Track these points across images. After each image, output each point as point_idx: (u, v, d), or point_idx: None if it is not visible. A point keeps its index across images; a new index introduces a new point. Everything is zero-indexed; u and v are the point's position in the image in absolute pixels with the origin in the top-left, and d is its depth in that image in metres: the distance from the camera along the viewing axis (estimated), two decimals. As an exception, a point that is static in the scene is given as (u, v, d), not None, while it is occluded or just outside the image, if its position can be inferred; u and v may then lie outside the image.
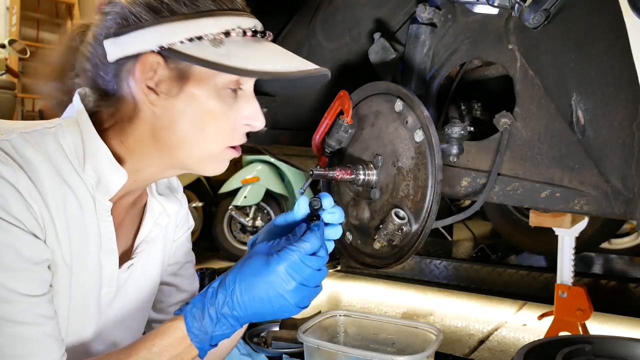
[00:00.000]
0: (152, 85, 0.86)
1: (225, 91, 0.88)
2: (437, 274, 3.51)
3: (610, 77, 1.12)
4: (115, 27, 0.85)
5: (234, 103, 0.90)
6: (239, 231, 4.29)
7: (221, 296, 0.84)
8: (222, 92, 0.88)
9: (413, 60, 1.36)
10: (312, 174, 1.21)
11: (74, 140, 0.87)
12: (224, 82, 0.87)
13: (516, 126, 1.25)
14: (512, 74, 1.26)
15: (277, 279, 0.82)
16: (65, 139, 0.87)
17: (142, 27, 0.84)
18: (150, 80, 0.85)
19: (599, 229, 3.32)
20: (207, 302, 0.84)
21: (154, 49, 0.84)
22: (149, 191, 1.03)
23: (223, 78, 0.87)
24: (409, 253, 1.17)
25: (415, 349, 1.36)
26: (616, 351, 1.34)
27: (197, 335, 0.84)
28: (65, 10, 6.30)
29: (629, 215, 1.14)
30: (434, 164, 1.13)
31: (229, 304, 0.83)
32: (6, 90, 4.50)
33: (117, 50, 0.85)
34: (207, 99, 0.87)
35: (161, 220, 1.04)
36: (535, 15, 1.07)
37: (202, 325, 0.84)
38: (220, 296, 0.84)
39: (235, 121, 0.91)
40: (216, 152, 0.91)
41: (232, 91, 0.89)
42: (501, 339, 2.58)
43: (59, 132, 0.87)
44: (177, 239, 1.14)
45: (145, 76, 0.85)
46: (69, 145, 0.86)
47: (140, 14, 0.84)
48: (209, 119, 0.88)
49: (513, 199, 1.29)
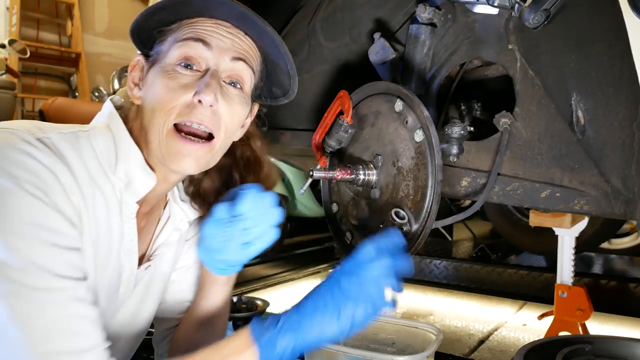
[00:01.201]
0: (136, 80, 0.98)
1: (177, 67, 0.92)
2: (437, 274, 3.51)
3: (610, 77, 1.12)
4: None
5: (181, 78, 0.92)
6: (239, 231, 4.29)
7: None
8: (170, 68, 0.92)
9: (413, 60, 1.36)
10: (312, 174, 1.21)
11: (106, 144, 0.91)
12: (171, 59, 0.93)
13: (516, 126, 1.25)
14: (512, 74, 1.26)
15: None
16: (97, 142, 0.91)
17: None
18: (135, 79, 0.99)
19: (599, 229, 3.32)
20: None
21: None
22: (172, 197, 1.07)
23: (171, 55, 0.93)
24: (409, 253, 1.17)
25: (415, 349, 1.37)
26: (616, 351, 1.34)
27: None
28: (65, 10, 6.30)
29: (629, 215, 1.14)
30: (434, 164, 1.13)
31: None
32: (6, 90, 4.51)
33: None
34: (155, 78, 0.94)
35: (182, 225, 1.09)
36: (535, 15, 1.07)
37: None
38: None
39: (176, 90, 0.92)
40: (163, 131, 0.91)
41: (184, 67, 0.92)
42: (501, 339, 2.57)
43: (91, 136, 0.91)
44: (190, 239, 1.17)
45: (132, 76, 0.99)
46: (100, 148, 0.91)
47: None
48: (155, 96, 0.93)
49: (513, 199, 1.29)
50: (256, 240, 0.96)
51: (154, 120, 0.91)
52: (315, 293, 0.87)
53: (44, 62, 6.06)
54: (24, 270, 0.73)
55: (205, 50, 0.92)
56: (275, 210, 0.96)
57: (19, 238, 0.74)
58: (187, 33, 0.93)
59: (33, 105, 5.79)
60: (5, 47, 4.57)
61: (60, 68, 6.25)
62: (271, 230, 0.97)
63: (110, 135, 0.93)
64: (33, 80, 5.99)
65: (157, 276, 1.08)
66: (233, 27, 0.95)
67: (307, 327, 0.83)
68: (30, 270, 0.73)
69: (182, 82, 0.91)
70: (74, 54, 6.22)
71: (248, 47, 0.98)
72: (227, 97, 0.94)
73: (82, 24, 6.31)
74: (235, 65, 0.95)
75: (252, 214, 0.94)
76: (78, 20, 6.24)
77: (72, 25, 6.25)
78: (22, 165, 0.76)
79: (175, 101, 0.90)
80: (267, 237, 0.97)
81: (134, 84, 0.98)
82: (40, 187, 0.77)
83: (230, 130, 0.97)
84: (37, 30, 6.09)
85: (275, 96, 1.10)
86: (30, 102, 5.82)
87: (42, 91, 6.02)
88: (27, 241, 0.74)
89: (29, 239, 0.74)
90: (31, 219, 0.75)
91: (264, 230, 0.96)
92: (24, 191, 0.75)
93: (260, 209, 0.94)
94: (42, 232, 0.76)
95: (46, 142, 0.81)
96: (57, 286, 0.76)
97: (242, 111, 0.98)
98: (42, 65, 6.05)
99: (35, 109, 5.60)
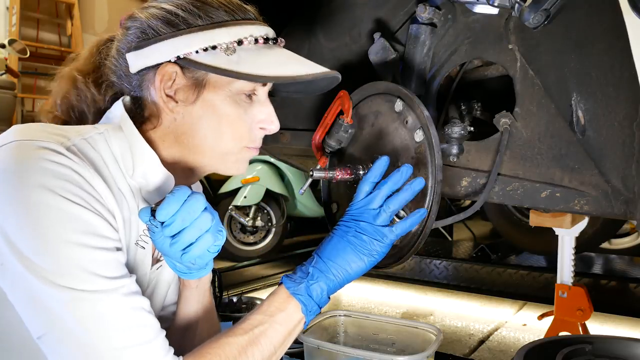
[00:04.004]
0: (171, 93, 0.92)
1: (240, 96, 0.94)
2: (437, 274, 3.51)
3: (610, 77, 1.12)
4: (136, 41, 0.92)
5: (249, 107, 0.96)
6: (239, 231, 4.29)
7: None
8: (237, 98, 0.94)
9: (413, 60, 1.36)
10: (312, 174, 1.21)
11: (121, 146, 0.92)
12: (238, 88, 0.93)
13: (516, 126, 1.25)
14: (512, 74, 1.26)
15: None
16: (113, 144, 0.92)
17: (161, 40, 0.90)
18: (169, 89, 0.92)
19: (599, 229, 3.32)
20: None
21: (172, 59, 0.90)
22: None
23: (237, 84, 0.93)
24: (409, 253, 1.17)
25: (415, 349, 1.36)
26: (616, 351, 1.34)
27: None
28: (65, 10, 6.30)
29: (629, 215, 1.14)
30: (434, 164, 1.13)
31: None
32: (6, 90, 4.50)
33: (139, 62, 0.92)
34: (223, 104, 0.93)
35: None
36: (535, 15, 1.07)
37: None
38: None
39: (251, 124, 0.96)
40: (234, 152, 0.97)
41: (246, 96, 0.95)
42: (501, 339, 2.58)
43: (107, 138, 0.92)
44: None
45: (164, 85, 0.92)
46: (116, 150, 0.91)
47: (159, 27, 0.91)
48: (225, 123, 0.94)
49: (513, 199, 1.29)
50: (191, 248, 0.85)
51: (222, 145, 0.95)
52: (333, 237, 0.98)
53: (44, 62, 6.05)
54: (79, 278, 0.76)
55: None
56: (204, 214, 0.85)
57: (69, 247, 0.76)
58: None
59: (33, 105, 5.78)
60: (5, 47, 4.56)
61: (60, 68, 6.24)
62: (206, 236, 0.86)
63: (123, 136, 0.93)
64: (33, 80, 5.99)
65: (164, 275, 1.07)
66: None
67: (335, 269, 0.95)
68: (84, 277, 0.77)
69: (252, 113, 0.96)
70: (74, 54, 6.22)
71: None
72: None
73: (82, 24, 6.31)
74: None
75: (177, 219, 0.83)
76: (78, 20, 6.23)
77: (72, 25, 6.25)
78: (59, 176, 0.78)
79: (249, 133, 0.97)
80: (202, 244, 0.86)
81: (168, 95, 0.92)
82: (79, 195, 0.79)
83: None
84: (37, 30, 6.08)
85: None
86: (30, 102, 5.82)
87: (42, 91, 6.01)
88: (77, 249, 0.77)
89: (79, 247, 0.77)
90: (78, 227, 0.78)
91: (194, 235, 0.85)
92: (66, 200, 0.77)
93: (184, 214, 0.83)
94: (89, 239, 0.78)
95: (74, 151, 0.83)
96: (112, 287, 0.79)
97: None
98: (42, 65, 6.04)
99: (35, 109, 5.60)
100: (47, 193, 0.77)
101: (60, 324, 0.76)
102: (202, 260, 0.89)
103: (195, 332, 1.06)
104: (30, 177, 0.77)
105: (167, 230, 0.83)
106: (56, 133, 0.85)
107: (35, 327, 0.78)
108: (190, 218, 0.83)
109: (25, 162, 0.78)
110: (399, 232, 0.99)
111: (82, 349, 0.76)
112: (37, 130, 0.84)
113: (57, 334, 0.76)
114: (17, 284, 0.77)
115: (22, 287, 0.77)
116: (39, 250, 0.76)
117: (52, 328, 0.76)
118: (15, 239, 0.76)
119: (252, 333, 0.90)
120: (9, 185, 0.77)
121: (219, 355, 0.86)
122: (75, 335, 0.76)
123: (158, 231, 0.83)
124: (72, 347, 0.76)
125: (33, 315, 0.77)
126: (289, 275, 0.97)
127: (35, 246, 0.76)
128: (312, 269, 0.96)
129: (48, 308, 0.76)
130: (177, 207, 0.82)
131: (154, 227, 0.84)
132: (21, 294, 0.77)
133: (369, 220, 0.98)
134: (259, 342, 0.90)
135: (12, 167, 0.78)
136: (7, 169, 0.78)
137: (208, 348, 0.87)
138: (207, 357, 0.85)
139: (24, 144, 0.80)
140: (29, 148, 0.80)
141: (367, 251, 0.97)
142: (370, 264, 0.98)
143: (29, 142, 0.80)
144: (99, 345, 0.77)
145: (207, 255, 0.87)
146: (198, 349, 0.87)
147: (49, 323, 0.76)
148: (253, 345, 0.89)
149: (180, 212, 0.83)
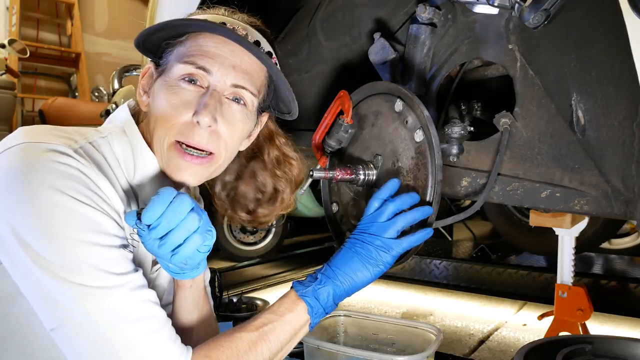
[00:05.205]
0: (146, 88, 1.00)
1: (180, 82, 0.94)
2: (437, 274, 3.51)
3: (610, 77, 1.12)
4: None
5: (184, 94, 0.94)
6: (239, 231, 4.29)
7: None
8: (174, 83, 0.94)
9: (413, 60, 1.36)
10: (312, 174, 1.21)
11: (123, 149, 0.95)
12: (175, 74, 0.95)
13: (516, 126, 1.25)
14: (512, 74, 1.26)
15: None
16: (116, 147, 0.95)
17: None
18: (145, 86, 1.01)
19: (599, 229, 3.32)
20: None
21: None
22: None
23: (175, 70, 0.94)
24: (409, 253, 1.17)
25: (415, 349, 1.37)
26: (616, 351, 1.34)
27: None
28: (65, 10, 6.30)
29: (629, 215, 1.14)
30: (434, 164, 1.13)
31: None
32: (6, 90, 4.51)
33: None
34: (159, 90, 0.96)
35: None
36: (535, 15, 1.07)
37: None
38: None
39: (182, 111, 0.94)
40: (164, 144, 0.95)
41: (187, 82, 0.94)
42: (501, 339, 2.57)
43: (110, 141, 0.95)
44: None
45: (142, 82, 1.01)
46: (119, 153, 0.94)
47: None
48: (158, 109, 0.95)
49: (513, 199, 1.29)
50: (180, 249, 0.85)
51: (157, 133, 0.95)
52: (342, 249, 1.04)
53: (44, 62, 6.06)
54: (88, 274, 0.80)
55: (209, 66, 0.94)
56: (190, 215, 0.84)
57: (78, 245, 0.79)
58: (192, 49, 0.95)
59: (33, 105, 5.78)
60: (5, 47, 4.56)
61: (60, 68, 6.24)
62: (194, 237, 0.85)
63: (126, 140, 0.96)
64: (33, 80, 5.99)
65: (162, 276, 1.08)
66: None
67: (341, 277, 1.01)
68: (94, 273, 0.80)
69: (184, 99, 0.93)
70: (73, 54, 6.22)
71: (253, 62, 0.99)
72: (227, 115, 0.96)
73: (82, 24, 6.31)
74: (239, 82, 0.97)
75: (162, 222, 0.83)
76: (78, 20, 6.23)
77: (72, 25, 6.25)
78: (67, 177, 0.81)
79: (176, 118, 0.93)
80: (191, 244, 0.85)
81: (143, 91, 1.00)
82: (87, 195, 0.82)
83: (232, 146, 1.00)
84: (37, 30, 6.08)
85: (282, 111, 1.14)
86: (30, 102, 5.82)
87: (42, 91, 6.02)
88: (86, 247, 0.80)
89: (88, 245, 0.80)
90: (86, 225, 0.81)
91: (182, 236, 0.84)
92: (74, 200, 0.80)
93: (170, 216, 0.83)
94: (97, 237, 0.81)
95: (81, 153, 0.86)
96: (120, 282, 0.82)
97: (244, 127, 1.01)
98: (42, 65, 6.04)
99: (35, 109, 5.60)
100: (56, 193, 0.79)
101: (72, 318, 0.79)
102: (193, 260, 0.89)
103: (192, 331, 1.06)
104: (39, 178, 0.79)
105: (154, 233, 0.83)
106: (63, 136, 0.87)
107: (48, 320, 0.81)
108: (176, 219, 0.83)
109: (35, 163, 0.81)
110: (406, 245, 1.04)
111: (93, 342, 0.80)
112: (45, 132, 0.87)
113: (69, 327, 0.80)
114: (28, 280, 0.80)
115: (33, 283, 0.80)
116: (49, 249, 0.78)
117: (64, 322, 0.80)
118: (26, 237, 0.78)
119: (262, 330, 0.95)
120: (19, 186, 0.79)
121: (230, 348, 0.90)
122: (87, 329, 0.80)
123: (145, 234, 0.84)
124: (84, 340, 0.80)
125: (45, 309, 0.81)
126: (299, 281, 1.03)
127: (46, 245, 0.78)
128: (320, 275, 1.02)
129: (59, 303, 0.79)
130: (162, 210, 0.82)
131: (141, 230, 0.84)
132: (33, 289, 0.81)
133: (376, 233, 1.03)
134: (268, 339, 0.94)
135: (22, 168, 0.80)
136: (17, 170, 0.80)
137: (222, 341, 0.91)
138: (220, 350, 0.89)
139: (32, 146, 0.83)
140: (38, 150, 0.82)
141: (373, 261, 1.01)
142: (376, 273, 1.02)
143: (37, 144, 0.83)
144: (110, 337, 0.80)
145: (197, 255, 0.88)
146: (211, 341, 0.91)
147: (61, 317, 0.80)
148: (262, 341, 0.94)
149: (165, 214, 0.82)
